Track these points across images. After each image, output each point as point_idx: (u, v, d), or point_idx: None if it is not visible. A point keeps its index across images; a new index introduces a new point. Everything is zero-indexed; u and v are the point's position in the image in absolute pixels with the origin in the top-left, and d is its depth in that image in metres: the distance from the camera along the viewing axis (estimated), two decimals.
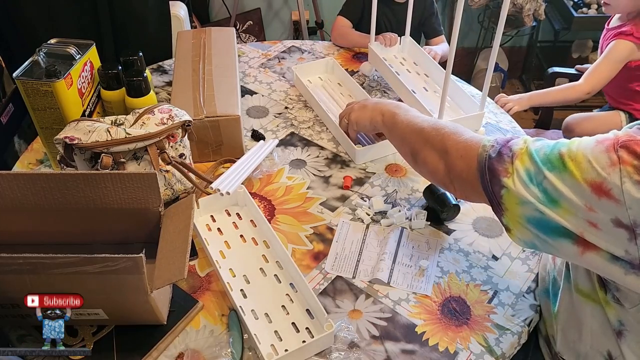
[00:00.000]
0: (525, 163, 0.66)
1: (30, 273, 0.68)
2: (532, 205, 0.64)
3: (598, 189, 0.58)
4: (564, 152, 0.62)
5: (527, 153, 0.66)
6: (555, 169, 0.62)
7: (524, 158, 0.66)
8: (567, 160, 0.62)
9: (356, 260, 0.91)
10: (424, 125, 0.84)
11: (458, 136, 0.77)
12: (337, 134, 1.15)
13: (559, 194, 0.62)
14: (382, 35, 1.38)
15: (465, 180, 0.74)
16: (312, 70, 1.34)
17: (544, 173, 0.63)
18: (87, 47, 1.03)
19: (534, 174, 0.64)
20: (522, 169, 0.66)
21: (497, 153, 0.69)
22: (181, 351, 0.77)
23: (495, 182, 0.68)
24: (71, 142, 0.84)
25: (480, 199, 0.73)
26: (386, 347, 0.78)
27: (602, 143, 0.60)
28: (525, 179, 0.65)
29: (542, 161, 0.64)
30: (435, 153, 0.80)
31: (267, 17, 2.79)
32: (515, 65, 2.84)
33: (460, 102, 1.22)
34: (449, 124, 0.82)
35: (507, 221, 0.69)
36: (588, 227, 0.61)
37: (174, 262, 0.71)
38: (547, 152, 0.64)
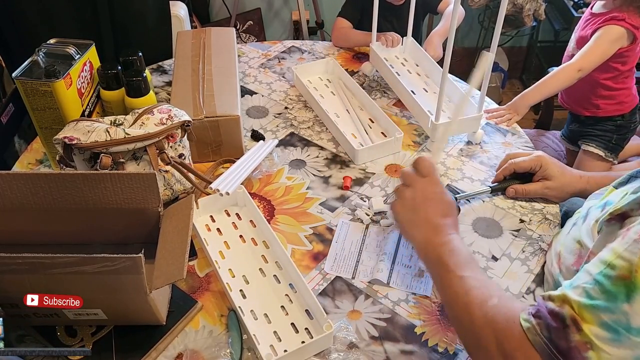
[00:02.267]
0: (594, 319, 0.53)
1: (30, 273, 0.67)
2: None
3: None
4: (619, 273, 0.53)
5: (584, 307, 0.54)
6: (632, 293, 0.51)
7: (586, 315, 0.53)
8: (635, 276, 0.51)
9: (355, 260, 0.91)
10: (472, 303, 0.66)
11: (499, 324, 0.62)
12: (336, 134, 1.15)
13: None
14: (384, 35, 1.38)
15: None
16: (312, 70, 1.34)
17: (624, 309, 0.52)
18: (86, 47, 1.03)
19: (613, 322, 0.52)
20: (597, 328, 0.53)
21: (554, 330, 0.56)
22: (180, 351, 0.77)
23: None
24: (70, 142, 0.84)
25: None
26: (385, 347, 0.78)
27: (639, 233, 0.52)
28: (611, 335, 0.52)
29: (608, 300, 0.53)
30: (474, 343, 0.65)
31: (267, 17, 2.79)
32: (515, 65, 2.84)
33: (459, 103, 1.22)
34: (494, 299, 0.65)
35: None
36: None
37: (173, 263, 0.71)
38: (600, 289, 0.54)
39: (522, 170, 1.00)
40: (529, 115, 2.68)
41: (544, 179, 0.98)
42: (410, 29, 1.34)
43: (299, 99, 1.28)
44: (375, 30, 1.32)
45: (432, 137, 1.13)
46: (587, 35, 1.46)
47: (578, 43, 1.52)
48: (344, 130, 1.14)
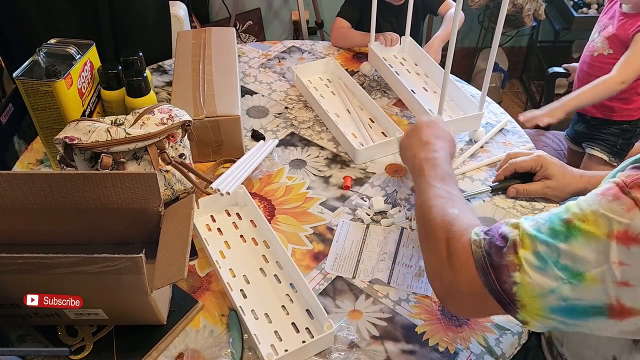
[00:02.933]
0: (531, 247, 0.58)
1: (30, 273, 0.68)
2: (555, 293, 0.57)
3: (625, 238, 0.54)
4: (570, 218, 0.57)
5: (528, 236, 0.59)
6: (572, 236, 0.56)
7: (527, 242, 0.59)
8: (579, 224, 0.56)
9: (356, 260, 0.91)
10: (437, 215, 0.73)
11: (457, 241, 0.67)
12: (337, 134, 1.15)
13: (581, 263, 0.55)
14: (382, 34, 1.38)
15: (465, 283, 0.64)
16: (312, 70, 1.34)
17: (559, 247, 0.57)
18: (87, 47, 1.03)
19: (547, 254, 0.57)
20: (530, 255, 0.58)
21: (494, 247, 0.61)
22: (181, 351, 0.77)
23: (504, 280, 0.60)
24: (71, 142, 0.84)
25: (483, 304, 0.63)
26: (386, 347, 0.78)
27: (607, 194, 0.56)
28: (538, 264, 0.58)
29: (550, 236, 0.58)
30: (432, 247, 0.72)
31: (267, 17, 2.79)
32: (515, 65, 2.84)
33: (459, 103, 1.22)
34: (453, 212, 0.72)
35: (524, 316, 0.60)
36: (620, 289, 0.55)
37: (174, 262, 0.71)
38: (550, 226, 0.58)
39: (522, 170, 1.00)
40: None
41: (545, 178, 0.98)
42: (408, 29, 1.34)
43: (299, 98, 1.28)
44: (373, 30, 1.32)
45: None
46: (628, 35, 1.42)
47: (611, 42, 1.48)
48: (345, 130, 1.14)
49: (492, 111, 1.27)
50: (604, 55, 1.49)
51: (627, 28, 1.43)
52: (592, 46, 1.55)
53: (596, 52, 1.52)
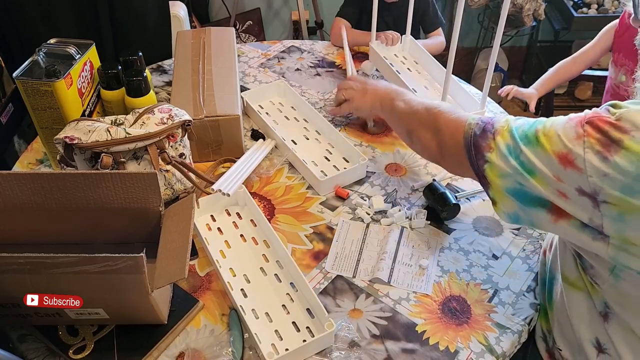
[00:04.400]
0: (506, 139, 0.71)
1: (31, 273, 0.68)
2: (512, 177, 0.70)
3: (564, 160, 0.63)
4: (539, 129, 0.68)
5: (508, 130, 0.72)
6: (531, 143, 0.68)
7: (505, 134, 0.72)
8: (541, 136, 0.67)
9: (356, 259, 0.91)
10: (419, 107, 0.90)
11: (449, 115, 0.83)
12: (296, 164, 1.08)
13: (533, 165, 0.67)
14: (383, 33, 1.38)
15: (455, 156, 0.80)
16: (262, 95, 1.25)
17: (521, 147, 0.68)
18: (86, 47, 1.03)
19: (512, 148, 0.70)
20: (502, 144, 0.71)
21: (482, 130, 0.75)
22: (182, 350, 0.77)
23: (480, 157, 0.74)
24: (71, 141, 0.84)
25: (468, 174, 0.78)
26: (387, 346, 0.78)
27: (572, 120, 0.65)
28: (505, 152, 0.70)
29: (520, 137, 0.69)
30: (428, 132, 0.86)
31: (267, 17, 2.79)
32: (515, 65, 2.84)
33: (461, 101, 1.22)
34: (442, 104, 0.87)
35: (492, 194, 0.74)
36: (558, 197, 0.66)
37: (175, 262, 0.71)
38: (525, 130, 0.70)
39: None
40: (529, 116, 2.68)
41: None
42: (409, 28, 1.34)
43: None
44: (374, 29, 1.32)
45: None
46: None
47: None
48: (304, 158, 1.07)
49: (492, 110, 1.28)
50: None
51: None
52: (626, 90, 1.48)
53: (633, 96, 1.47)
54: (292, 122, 1.20)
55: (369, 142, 1.16)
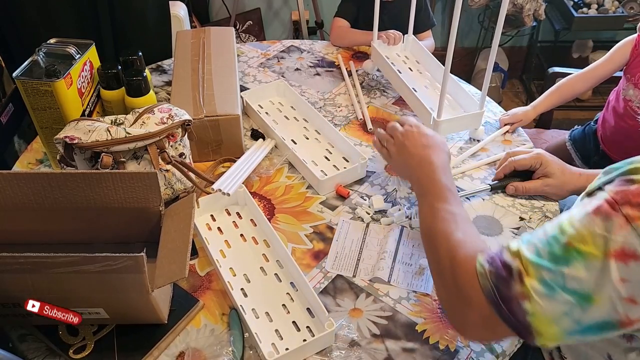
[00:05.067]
0: (536, 275, 0.59)
1: (32, 272, 0.68)
2: (568, 316, 0.57)
3: (622, 256, 0.54)
4: (569, 240, 0.57)
5: (530, 264, 0.59)
6: (572, 259, 0.56)
7: (531, 270, 0.59)
8: (577, 245, 0.56)
9: (356, 259, 0.91)
10: (437, 229, 0.75)
11: (460, 258, 0.69)
12: (296, 163, 1.08)
13: (588, 285, 0.56)
14: (385, 33, 1.38)
15: (479, 316, 0.64)
16: (262, 94, 1.25)
17: (563, 272, 0.57)
18: (86, 46, 1.03)
19: (552, 280, 0.58)
20: (536, 283, 0.58)
21: (500, 278, 0.61)
22: (182, 350, 0.77)
23: (516, 311, 0.60)
24: (71, 141, 0.84)
25: (500, 332, 0.63)
26: (387, 345, 0.78)
27: (599, 212, 0.56)
28: (546, 291, 0.58)
29: (552, 261, 0.58)
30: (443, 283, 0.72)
31: (267, 17, 2.79)
32: (515, 65, 2.84)
33: (461, 101, 1.22)
34: (459, 219, 0.75)
35: (543, 342, 0.61)
36: (628, 306, 0.55)
37: (175, 262, 0.71)
38: (549, 250, 0.59)
39: (522, 168, 1.00)
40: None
41: (544, 176, 0.99)
42: (411, 28, 1.34)
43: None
44: (376, 28, 1.33)
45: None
46: None
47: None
48: (304, 158, 1.07)
49: (492, 110, 1.28)
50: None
51: None
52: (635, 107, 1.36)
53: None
54: (292, 121, 1.20)
55: (369, 142, 1.16)
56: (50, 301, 0.71)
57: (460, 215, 0.76)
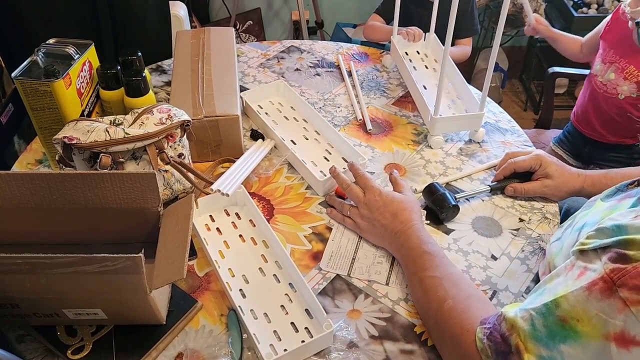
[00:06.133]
0: (535, 351, 0.59)
1: (29, 273, 0.67)
2: None
3: (622, 341, 0.53)
4: (564, 316, 0.57)
5: (528, 338, 0.60)
6: (569, 338, 0.56)
7: (529, 347, 0.59)
8: (574, 324, 0.56)
9: (351, 258, 0.91)
10: (423, 282, 0.78)
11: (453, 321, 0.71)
12: (296, 164, 1.07)
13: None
14: (406, 29, 1.39)
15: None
16: (262, 94, 1.25)
17: (560, 349, 0.57)
18: (86, 46, 1.03)
19: (549, 357, 0.58)
20: (535, 359, 0.59)
21: (501, 354, 0.62)
22: (180, 351, 0.77)
23: None
24: (70, 142, 0.84)
25: None
26: (385, 347, 0.78)
27: (594, 290, 0.55)
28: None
29: (549, 337, 0.58)
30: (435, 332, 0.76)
31: (267, 17, 2.79)
32: (515, 65, 2.84)
33: (466, 101, 1.22)
34: (444, 278, 0.76)
35: None
36: None
37: (173, 262, 0.71)
38: (543, 323, 0.59)
39: (521, 170, 1.00)
40: (530, 115, 2.69)
41: (543, 177, 0.98)
42: (433, 25, 1.35)
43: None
44: (396, 24, 1.33)
45: (432, 131, 1.13)
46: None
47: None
48: (304, 158, 1.06)
49: (492, 110, 1.28)
50: (633, 97, 1.43)
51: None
52: (615, 89, 1.46)
53: (622, 95, 1.45)
54: (292, 122, 1.20)
55: (369, 142, 1.16)
56: (48, 302, 0.71)
57: (445, 278, 0.77)
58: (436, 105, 1.08)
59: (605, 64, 1.46)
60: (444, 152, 1.14)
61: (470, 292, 0.75)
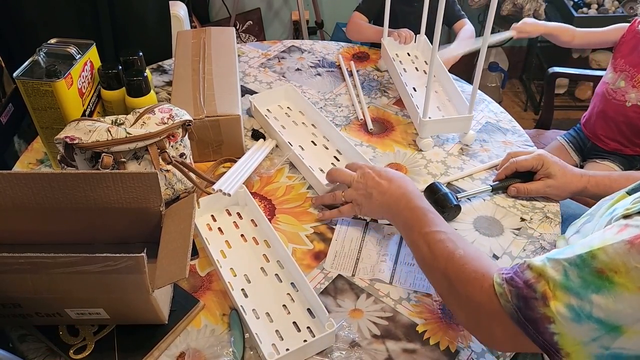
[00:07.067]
0: (563, 299, 0.58)
1: (32, 273, 0.67)
2: (596, 342, 0.56)
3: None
4: (602, 267, 0.56)
5: (558, 286, 0.58)
6: (603, 288, 0.55)
7: (558, 294, 0.58)
8: (612, 275, 0.55)
9: (355, 258, 0.91)
10: (425, 240, 0.77)
11: (463, 269, 0.70)
12: (303, 170, 1.07)
13: (616, 316, 0.55)
14: (396, 31, 1.38)
15: (500, 326, 0.64)
16: (271, 98, 1.24)
17: (591, 299, 0.56)
18: (87, 46, 1.03)
19: (579, 307, 0.56)
20: (563, 308, 0.57)
21: (521, 299, 0.61)
22: (182, 351, 0.77)
23: (543, 331, 0.59)
24: (72, 141, 0.84)
25: (528, 347, 0.62)
26: (387, 346, 0.78)
27: (635, 243, 0.54)
28: (572, 316, 0.57)
29: (581, 287, 0.57)
30: (443, 286, 0.74)
31: (267, 17, 2.79)
32: (515, 65, 2.84)
33: (456, 103, 1.21)
34: (448, 234, 0.75)
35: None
36: None
37: (175, 262, 0.71)
38: (578, 273, 0.57)
39: (523, 169, 1.00)
40: (530, 116, 2.69)
41: (545, 177, 0.99)
42: (423, 27, 1.34)
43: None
44: (387, 26, 1.33)
45: (421, 134, 1.13)
46: None
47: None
48: (311, 164, 1.05)
49: (492, 110, 1.28)
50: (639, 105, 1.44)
51: None
52: (623, 96, 1.46)
53: (629, 102, 1.45)
54: (301, 127, 1.19)
55: (370, 142, 1.16)
56: (50, 302, 0.71)
57: (452, 233, 0.77)
58: (424, 107, 1.08)
59: (616, 73, 1.48)
60: (445, 151, 1.14)
61: (476, 247, 0.75)
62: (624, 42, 1.48)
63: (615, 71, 1.48)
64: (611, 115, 1.50)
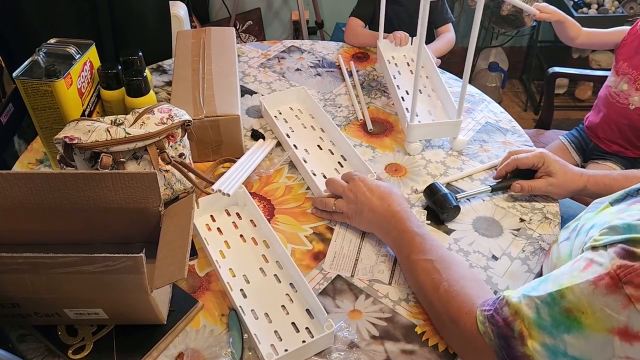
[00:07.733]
0: (538, 338, 0.61)
1: (31, 272, 0.68)
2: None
3: (626, 335, 0.55)
4: (567, 306, 0.58)
5: (532, 325, 0.61)
6: (572, 329, 0.58)
7: (533, 333, 0.61)
8: (579, 315, 0.57)
9: (354, 258, 0.91)
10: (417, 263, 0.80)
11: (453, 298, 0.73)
12: (305, 176, 1.06)
13: (590, 354, 0.57)
14: (392, 34, 1.39)
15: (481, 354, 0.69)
16: (282, 100, 1.24)
17: (564, 339, 0.59)
18: (86, 46, 1.03)
19: (553, 346, 0.60)
20: (539, 347, 0.61)
21: (501, 337, 0.64)
22: (181, 351, 0.77)
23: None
24: (71, 141, 0.84)
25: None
26: (386, 347, 0.78)
27: (599, 285, 0.56)
28: (550, 355, 0.60)
29: (553, 326, 0.59)
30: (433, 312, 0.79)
31: (267, 17, 2.79)
32: (515, 65, 2.84)
33: (447, 108, 1.21)
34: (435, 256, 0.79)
35: None
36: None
37: (174, 262, 0.71)
38: (549, 312, 0.60)
39: (524, 167, 1.01)
40: (530, 116, 2.69)
41: (547, 175, 0.99)
42: (420, 29, 1.34)
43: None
44: (382, 28, 1.33)
45: (408, 138, 1.12)
46: None
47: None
48: (313, 168, 1.06)
49: (492, 111, 1.28)
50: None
51: None
52: (626, 99, 1.46)
53: (633, 105, 1.45)
54: (309, 130, 1.18)
55: (369, 142, 1.16)
56: (49, 302, 0.71)
57: (438, 260, 0.79)
58: (412, 111, 1.08)
59: (618, 76, 1.47)
60: (444, 152, 1.14)
61: (462, 273, 0.77)
62: (625, 44, 1.48)
63: (617, 74, 1.48)
64: (614, 118, 1.50)
